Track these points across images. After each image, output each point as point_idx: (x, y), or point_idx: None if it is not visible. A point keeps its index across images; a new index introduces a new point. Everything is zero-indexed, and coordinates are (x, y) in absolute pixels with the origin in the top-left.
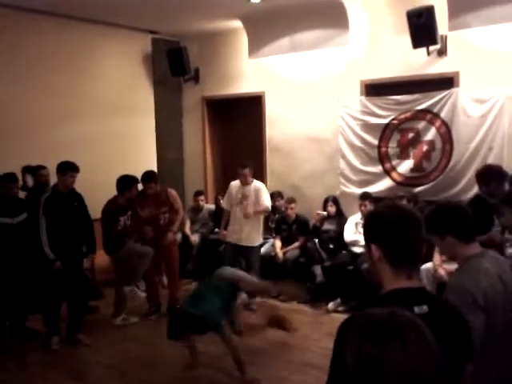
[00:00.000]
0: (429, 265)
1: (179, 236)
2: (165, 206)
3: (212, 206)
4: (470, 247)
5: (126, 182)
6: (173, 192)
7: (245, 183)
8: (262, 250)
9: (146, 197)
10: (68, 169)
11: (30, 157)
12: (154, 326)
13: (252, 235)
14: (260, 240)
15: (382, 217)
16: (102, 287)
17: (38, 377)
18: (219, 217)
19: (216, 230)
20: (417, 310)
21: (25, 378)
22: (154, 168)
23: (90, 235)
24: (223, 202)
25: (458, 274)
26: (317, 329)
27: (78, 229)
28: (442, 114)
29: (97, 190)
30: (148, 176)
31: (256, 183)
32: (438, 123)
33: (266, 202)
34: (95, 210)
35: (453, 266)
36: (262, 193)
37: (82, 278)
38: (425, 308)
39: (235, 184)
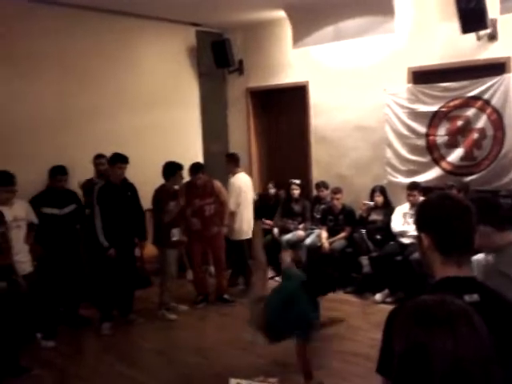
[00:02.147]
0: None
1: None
2: (210, 197)
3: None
4: (505, 234)
5: (170, 169)
6: (218, 184)
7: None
8: (308, 240)
9: (192, 188)
10: (117, 160)
11: (81, 149)
12: (202, 315)
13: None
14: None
15: (433, 206)
16: (151, 276)
17: (93, 361)
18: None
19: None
20: (467, 298)
21: (80, 362)
22: (200, 160)
23: (141, 224)
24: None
25: (497, 260)
26: (365, 319)
27: (130, 218)
28: (493, 101)
29: (144, 182)
30: (196, 167)
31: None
32: (488, 110)
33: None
34: (142, 201)
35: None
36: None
37: (133, 264)
38: (475, 297)
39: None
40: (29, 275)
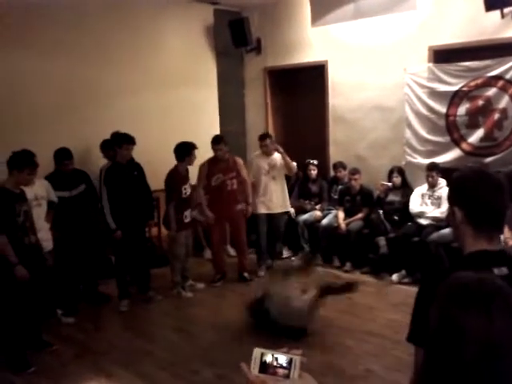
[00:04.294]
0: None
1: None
2: (232, 171)
3: None
4: None
5: (186, 149)
6: (240, 160)
7: (269, 154)
8: (325, 221)
9: (214, 163)
10: (124, 141)
11: (98, 129)
12: (220, 293)
13: (283, 203)
14: (289, 206)
15: (466, 180)
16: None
17: (112, 337)
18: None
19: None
20: (496, 271)
21: (101, 338)
22: None
23: (149, 203)
24: (249, 176)
25: None
26: (381, 300)
27: (139, 197)
28: None
29: (161, 162)
30: (218, 138)
31: (276, 154)
32: (511, 90)
33: (294, 168)
34: (161, 181)
35: None
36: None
37: (145, 243)
38: (504, 270)
39: (256, 156)
40: (50, 252)
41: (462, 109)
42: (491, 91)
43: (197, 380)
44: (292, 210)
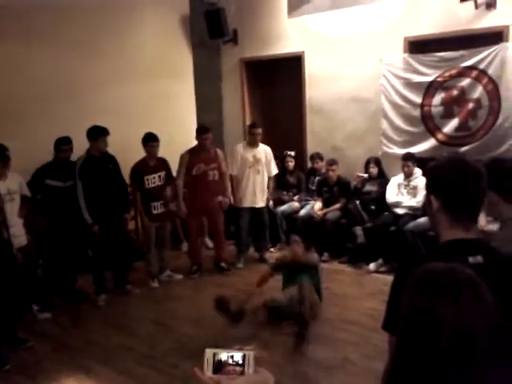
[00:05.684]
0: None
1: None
2: (214, 162)
3: None
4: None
5: (144, 139)
6: (221, 152)
7: (255, 145)
8: (303, 211)
9: (196, 153)
10: (99, 134)
11: (71, 121)
12: (197, 285)
13: (263, 196)
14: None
15: (443, 169)
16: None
17: (90, 332)
18: None
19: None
20: (471, 260)
21: (78, 334)
22: (193, 131)
23: (125, 196)
24: (232, 169)
25: (502, 233)
26: (358, 289)
27: (114, 190)
28: (490, 71)
29: (139, 154)
30: (206, 127)
31: (264, 146)
32: (484, 80)
33: (274, 170)
34: None
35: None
36: (272, 158)
37: (123, 237)
38: (479, 258)
39: (240, 147)
40: (24, 248)
41: (437, 99)
42: (465, 81)
43: (176, 373)
44: (270, 202)
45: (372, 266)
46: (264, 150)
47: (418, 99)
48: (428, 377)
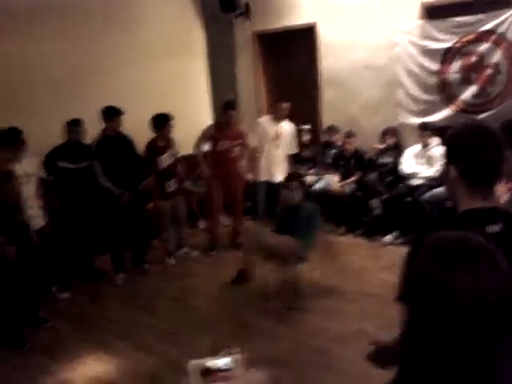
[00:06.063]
0: None
1: None
2: (239, 139)
3: None
4: None
5: (158, 120)
6: (246, 128)
7: (280, 120)
8: (319, 184)
9: (222, 128)
10: (113, 115)
11: (84, 105)
12: (213, 263)
13: (281, 172)
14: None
15: (460, 136)
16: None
17: (109, 310)
18: None
19: None
20: (489, 229)
21: (98, 312)
22: (208, 109)
23: (142, 173)
24: (254, 141)
25: None
26: (374, 261)
27: (131, 169)
28: (509, 35)
29: (149, 133)
30: (231, 103)
31: (288, 123)
32: (503, 44)
33: (294, 148)
34: None
35: None
36: (294, 136)
37: (141, 215)
38: (496, 228)
39: (265, 121)
40: (41, 229)
41: (455, 66)
42: (484, 46)
43: (194, 348)
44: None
45: (388, 238)
46: (288, 126)
47: (434, 66)
48: (443, 349)
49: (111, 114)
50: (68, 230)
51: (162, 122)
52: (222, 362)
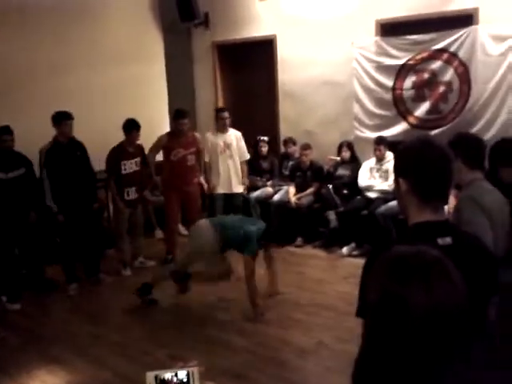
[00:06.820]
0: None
1: None
2: (193, 146)
3: None
4: (472, 173)
5: (126, 125)
6: (198, 135)
7: (225, 129)
8: (277, 196)
9: (175, 137)
10: (62, 118)
11: (36, 107)
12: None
13: (238, 182)
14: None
15: (411, 151)
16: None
17: (61, 322)
18: None
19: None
20: (440, 241)
21: (49, 324)
22: (166, 117)
23: (93, 185)
24: (204, 156)
25: (463, 193)
26: (331, 273)
27: (82, 178)
28: (460, 54)
29: (107, 142)
30: (181, 112)
31: (234, 131)
32: (455, 63)
33: (246, 154)
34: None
35: None
36: (243, 142)
37: (93, 225)
38: (448, 240)
39: (210, 134)
40: None
41: (409, 82)
42: (436, 64)
43: (149, 361)
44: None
45: (345, 249)
46: (234, 135)
47: (389, 82)
48: (399, 363)
49: (59, 118)
50: (6, 241)
51: (129, 127)
52: (179, 374)
